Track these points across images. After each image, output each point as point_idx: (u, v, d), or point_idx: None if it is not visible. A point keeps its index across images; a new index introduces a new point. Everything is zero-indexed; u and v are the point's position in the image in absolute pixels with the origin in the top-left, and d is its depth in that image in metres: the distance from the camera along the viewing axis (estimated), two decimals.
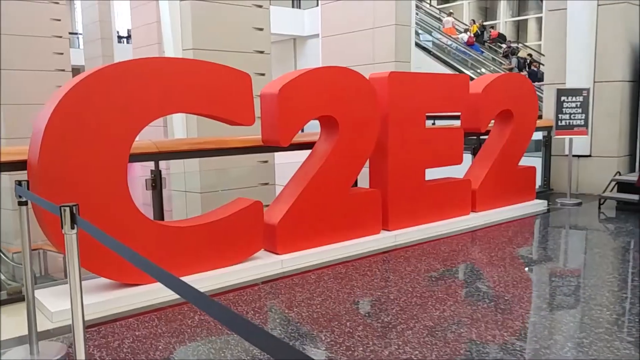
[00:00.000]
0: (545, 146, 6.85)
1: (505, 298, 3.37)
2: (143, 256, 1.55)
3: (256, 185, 8.23)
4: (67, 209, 1.94)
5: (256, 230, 4.04)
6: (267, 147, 4.37)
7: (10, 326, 3.25)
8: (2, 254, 7.21)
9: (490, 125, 5.79)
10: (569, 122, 6.13)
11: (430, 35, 17.72)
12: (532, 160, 6.64)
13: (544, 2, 7.32)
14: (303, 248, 4.29)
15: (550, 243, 5.02)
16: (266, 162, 8.86)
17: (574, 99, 6.10)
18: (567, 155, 6.37)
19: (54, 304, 3.25)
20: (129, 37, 20.71)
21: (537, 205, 6.04)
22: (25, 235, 2.66)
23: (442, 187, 5.22)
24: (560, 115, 6.15)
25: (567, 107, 6.11)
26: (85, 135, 3.28)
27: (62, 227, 1.95)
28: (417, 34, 15.23)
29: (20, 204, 2.64)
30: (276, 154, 6.91)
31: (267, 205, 4.77)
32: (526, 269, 4.16)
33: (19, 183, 2.65)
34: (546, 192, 6.78)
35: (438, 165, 5.18)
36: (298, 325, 3.02)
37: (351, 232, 4.57)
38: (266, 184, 8.59)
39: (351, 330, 2.88)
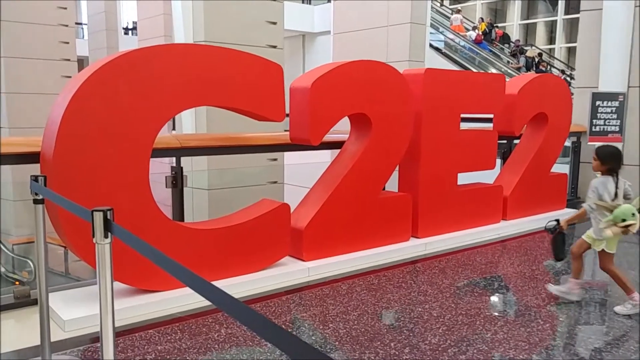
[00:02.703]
0: (575, 152, 6.56)
1: (561, 319, 3.08)
2: (182, 264, 1.31)
3: (265, 184, 7.97)
4: (100, 214, 1.64)
5: (282, 234, 3.75)
6: (295, 145, 4.06)
7: (20, 334, 2.96)
8: (2, 246, 6.92)
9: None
10: (604, 128, 5.85)
11: (438, 31, 17.41)
12: (559, 167, 6.35)
13: (580, 1, 6.99)
14: (329, 255, 4.00)
15: (590, 257, 4.74)
16: (275, 160, 8.59)
17: (609, 103, 5.82)
18: None
19: (67, 312, 2.96)
20: (133, 29, 20.40)
21: (568, 215, 5.74)
22: (41, 239, 2.36)
23: (474, 193, 4.93)
24: (594, 121, 5.87)
25: (602, 112, 5.84)
26: (106, 127, 2.98)
27: (93, 236, 1.65)
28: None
29: (36, 202, 2.34)
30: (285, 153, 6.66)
31: None
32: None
33: (35, 178, 2.34)
34: (573, 201, 6.49)
35: (471, 170, 4.90)
36: (336, 344, 2.73)
37: (380, 238, 4.28)
38: (275, 182, 8.33)
39: (397, 353, 2.59)
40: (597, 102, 5.84)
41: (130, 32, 21.45)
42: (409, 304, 3.28)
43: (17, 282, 5.90)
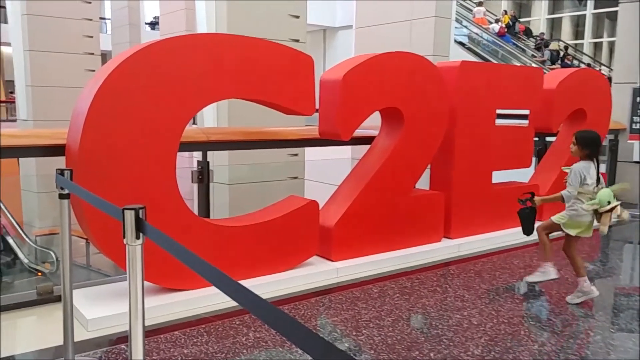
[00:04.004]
0: (612, 151, 6.28)
1: (611, 330, 2.88)
2: (213, 266, 1.21)
3: (285, 179, 7.85)
4: (132, 212, 1.50)
5: (311, 233, 3.60)
6: (324, 140, 3.90)
7: (42, 332, 2.87)
8: (25, 238, 6.92)
9: None
10: None
11: (461, 25, 17.03)
12: None
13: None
14: (358, 255, 3.84)
15: (627, 260, 4.50)
16: (296, 155, 8.46)
17: None
18: (637, 162, 5.81)
19: (90, 311, 2.85)
20: (155, 23, 20.43)
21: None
22: (66, 236, 2.24)
23: (509, 192, 4.69)
24: (634, 118, 5.59)
25: None
26: (133, 119, 2.86)
27: (123, 236, 1.52)
28: None
29: (62, 197, 2.22)
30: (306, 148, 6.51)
31: None
32: (618, 291, 3.65)
33: (60, 172, 2.23)
34: None
35: (506, 168, 4.69)
36: (372, 353, 2.57)
37: (410, 239, 4.10)
38: (295, 177, 8.21)
39: None
40: (639, 99, 5.55)
41: (152, 27, 21.50)
42: (446, 310, 3.10)
43: (39, 273, 5.88)
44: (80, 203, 2.68)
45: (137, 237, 1.54)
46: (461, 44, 15.98)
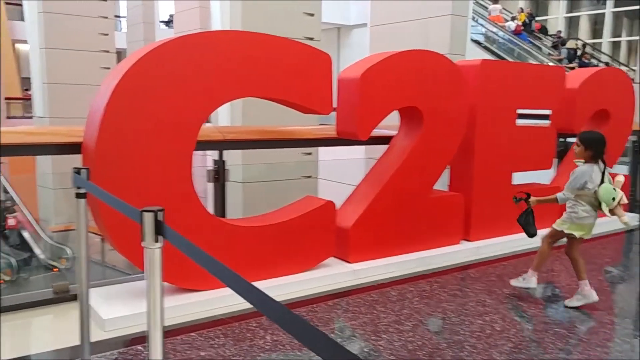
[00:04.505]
0: (635, 152, 6.12)
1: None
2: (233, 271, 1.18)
3: (299, 178, 7.81)
4: (151, 215, 1.45)
5: (328, 234, 3.55)
6: (341, 140, 3.84)
7: (58, 332, 2.85)
8: (41, 234, 6.95)
9: None
10: None
11: (477, 23, 16.82)
12: (617, 169, 5.93)
13: None
14: (376, 257, 3.78)
15: None
16: (310, 154, 8.42)
17: None
18: None
19: (107, 310, 2.82)
20: (169, 21, 20.49)
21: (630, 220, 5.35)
22: (82, 236, 2.21)
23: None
24: None
25: None
26: (149, 117, 2.83)
27: (142, 239, 1.47)
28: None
29: (79, 196, 2.18)
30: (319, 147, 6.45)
31: None
32: None
33: (77, 171, 2.19)
34: (635, 204, 6.07)
35: (526, 169, 4.59)
36: (392, 359, 2.50)
37: (429, 241, 4.03)
38: (309, 177, 8.16)
39: None
40: None
41: (167, 24, 21.58)
42: (468, 315, 3.02)
43: (55, 269, 5.89)
44: (97, 202, 2.65)
45: (156, 240, 1.49)
46: (477, 42, 15.80)
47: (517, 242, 4.37)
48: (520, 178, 4.58)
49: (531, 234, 3.34)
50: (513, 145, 4.38)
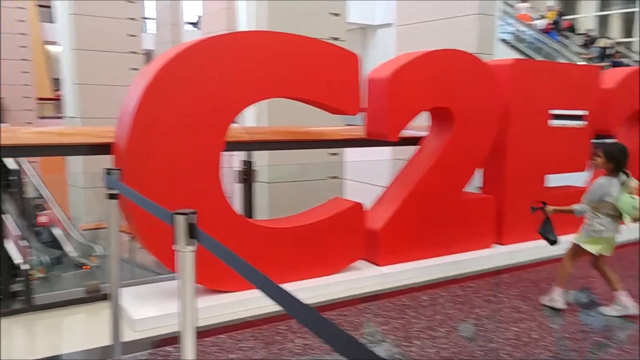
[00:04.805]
0: None
1: None
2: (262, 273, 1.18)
3: (325, 179, 7.77)
4: (183, 218, 1.43)
5: (356, 236, 3.50)
6: (370, 140, 3.78)
7: (89, 332, 2.87)
8: (72, 232, 7.06)
9: None
10: None
11: (506, 22, 16.50)
12: None
13: None
14: (406, 260, 3.71)
15: None
16: (336, 154, 8.37)
17: None
18: None
19: (137, 311, 2.83)
20: (196, 23, 20.69)
21: None
22: (114, 237, 2.21)
23: (565, 197, 4.45)
24: None
25: None
26: (179, 118, 2.82)
27: (175, 242, 1.45)
28: None
29: (110, 197, 2.19)
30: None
31: None
32: None
33: (108, 172, 2.19)
34: None
35: (560, 171, 4.46)
36: None
37: (459, 244, 3.94)
38: (335, 177, 8.12)
39: None
40: None
41: (194, 25, 21.79)
42: (503, 321, 2.94)
43: (85, 267, 5.98)
44: (129, 203, 2.65)
45: (189, 244, 1.47)
46: (504, 41, 15.52)
47: (564, 245, 4.25)
48: (554, 180, 4.45)
49: (552, 242, 3.25)
50: (546, 147, 4.26)
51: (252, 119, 8.40)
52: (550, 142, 4.27)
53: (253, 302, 2.96)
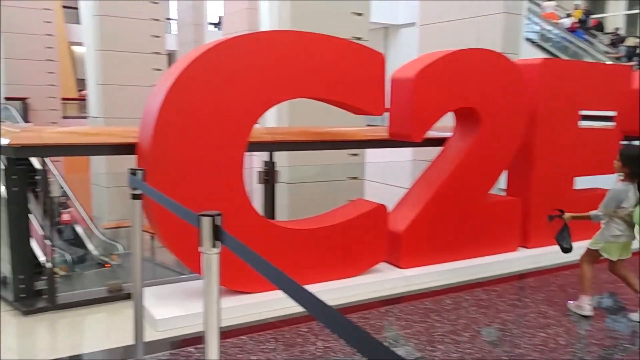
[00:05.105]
0: None
1: None
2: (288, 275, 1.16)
3: (345, 179, 7.73)
4: (209, 219, 1.42)
5: (379, 238, 3.45)
6: (393, 141, 3.73)
7: (112, 330, 2.87)
8: (94, 231, 7.17)
9: None
10: None
11: (531, 21, 16.21)
12: None
13: None
14: (429, 262, 3.65)
15: None
16: (356, 155, 8.32)
17: None
18: None
19: (159, 310, 2.83)
20: (218, 23, 20.84)
21: None
22: (137, 238, 2.21)
23: (593, 200, 4.34)
24: None
25: None
26: (203, 118, 2.82)
27: (200, 244, 1.43)
28: None
29: (134, 197, 2.18)
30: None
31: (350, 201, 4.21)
32: None
33: (133, 172, 2.19)
34: None
35: (589, 173, 4.34)
36: None
37: (484, 247, 3.86)
38: (355, 178, 8.07)
39: None
40: None
41: (216, 26, 21.94)
42: (529, 327, 2.86)
43: (107, 265, 6.06)
44: (152, 203, 2.65)
45: (214, 245, 1.45)
46: (529, 40, 15.26)
47: (579, 250, 4.13)
48: (583, 183, 4.33)
49: (565, 249, 3.18)
50: (575, 148, 4.15)
51: (272, 119, 8.40)
52: (579, 143, 4.17)
53: (274, 304, 2.94)
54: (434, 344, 2.64)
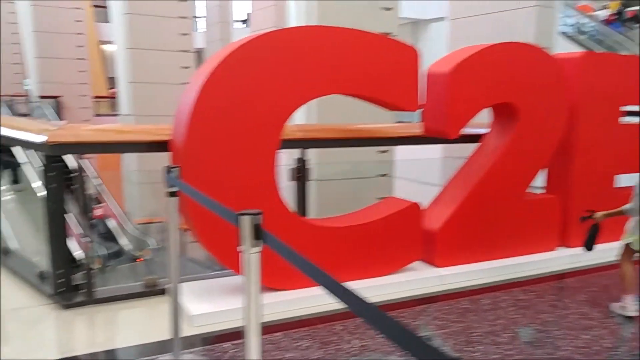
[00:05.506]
0: None
1: None
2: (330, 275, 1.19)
3: (374, 176, 7.66)
4: (249, 218, 1.40)
5: (413, 236, 3.40)
6: (427, 138, 3.66)
7: (147, 325, 2.89)
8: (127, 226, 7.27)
9: None
10: None
11: (564, 13, 15.78)
12: None
13: None
14: (465, 262, 3.58)
15: None
16: (385, 152, 8.24)
17: None
18: None
19: (195, 306, 2.84)
20: (245, 20, 20.93)
21: None
22: (174, 233, 2.21)
23: None
24: None
25: None
26: (237, 115, 2.81)
27: (241, 243, 1.41)
28: None
29: (170, 194, 2.18)
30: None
31: (381, 198, 4.15)
32: None
33: (168, 169, 2.19)
34: None
35: (631, 171, 4.17)
36: None
37: (521, 246, 3.77)
38: (384, 175, 8.00)
39: None
40: None
41: (244, 23, 22.04)
42: (571, 328, 2.77)
43: (139, 259, 6.14)
44: (188, 201, 2.65)
45: (254, 245, 1.44)
46: (563, 33, 14.88)
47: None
48: (625, 180, 4.19)
49: (587, 248, 3.12)
50: (616, 145, 4.01)
51: (301, 116, 8.38)
52: (620, 140, 4.03)
53: (308, 301, 2.93)
54: (473, 344, 2.58)
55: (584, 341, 2.62)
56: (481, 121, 3.86)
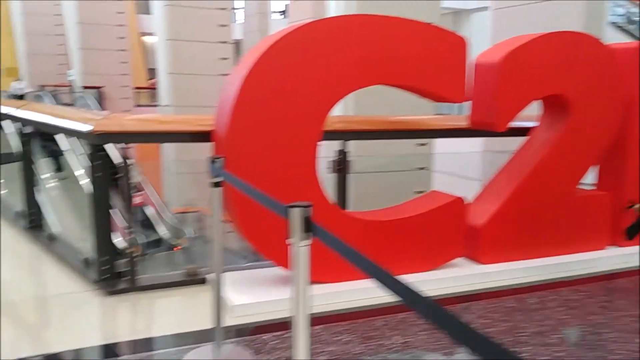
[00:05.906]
0: None
1: None
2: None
3: (412, 170, 7.54)
4: (299, 211, 1.36)
5: (457, 231, 3.30)
6: (474, 131, 3.55)
7: (189, 313, 2.91)
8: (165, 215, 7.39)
9: None
10: None
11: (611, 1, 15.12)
12: None
13: None
14: (510, 259, 3.46)
15: None
16: (424, 145, 8.11)
17: None
18: None
19: (235, 297, 2.83)
20: (283, 11, 20.95)
21: None
22: (217, 223, 2.20)
23: None
24: None
25: None
26: (280, 105, 2.78)
27: (290, 236, 1.38)
28: None
29: (215, 185, 2.17)
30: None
31: (419, 192, 4.04)
32: None
33: (213, 160, 2.18)
34: None
35: None
36: None
37: (570, 244, 3.62)
38: (423, 168, 7.87)
39: None
40: None
41: (282, 14, 22.07)
42: (623, 331, 2.65)
43: (176, 248, 6.23)
44: (232, 192, 2.64)
45: (304, 238, 1.40)
46: (612, 23, 14.26)
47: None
48: None
49: (628, 236, 3.16)
50: None
51: (338, 107, 8.25)
52: None
53: (349, 295, 2.89)
54: (520, 344, 2.49)
55: (638, 345, 2.49)
56: (529, 114, 3.71)
